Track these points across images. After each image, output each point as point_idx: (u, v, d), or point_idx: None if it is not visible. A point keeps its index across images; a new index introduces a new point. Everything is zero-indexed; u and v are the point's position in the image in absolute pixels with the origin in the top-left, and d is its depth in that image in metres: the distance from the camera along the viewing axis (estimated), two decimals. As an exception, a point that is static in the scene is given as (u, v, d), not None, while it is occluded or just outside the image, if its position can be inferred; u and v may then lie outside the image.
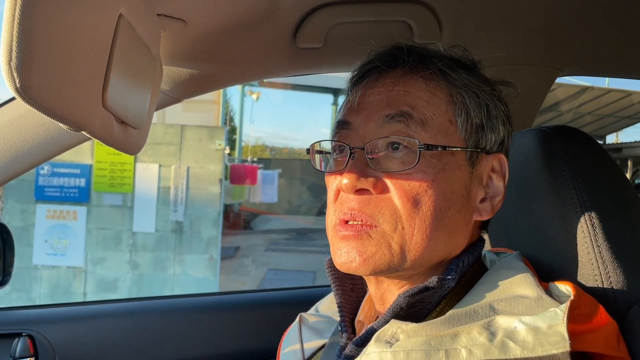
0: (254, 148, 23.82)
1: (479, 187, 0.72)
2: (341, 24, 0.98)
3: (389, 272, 0.69)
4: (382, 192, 0.67)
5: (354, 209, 0.68)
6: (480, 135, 0.71)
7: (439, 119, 0.69)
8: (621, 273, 0.69)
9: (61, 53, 0.49)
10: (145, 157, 6.41)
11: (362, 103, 0.72)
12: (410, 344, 0.59)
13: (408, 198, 0.66)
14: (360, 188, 0.67)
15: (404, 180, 0.67)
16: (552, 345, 0.55)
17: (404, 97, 0.69)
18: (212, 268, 6.53)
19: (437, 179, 0.67)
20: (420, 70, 0.71)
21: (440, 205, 0.67)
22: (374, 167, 0.68)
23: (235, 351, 1.41)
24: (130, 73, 0.68)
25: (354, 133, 0.71)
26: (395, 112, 0.68)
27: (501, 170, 0.73)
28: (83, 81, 0.54)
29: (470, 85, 0.72)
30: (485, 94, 0.73)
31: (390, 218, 0.67)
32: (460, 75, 0.72)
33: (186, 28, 0.87)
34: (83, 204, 6.37)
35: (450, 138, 0.69)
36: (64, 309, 1.39)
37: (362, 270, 0.68)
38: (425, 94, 0.70)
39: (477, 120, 0.71)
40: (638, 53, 1.15)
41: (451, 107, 0.70)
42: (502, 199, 0.73)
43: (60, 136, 0.97)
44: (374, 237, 0.67)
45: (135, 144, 0.79)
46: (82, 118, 0.56)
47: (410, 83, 0.70)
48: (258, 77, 1.22)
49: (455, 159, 0.69)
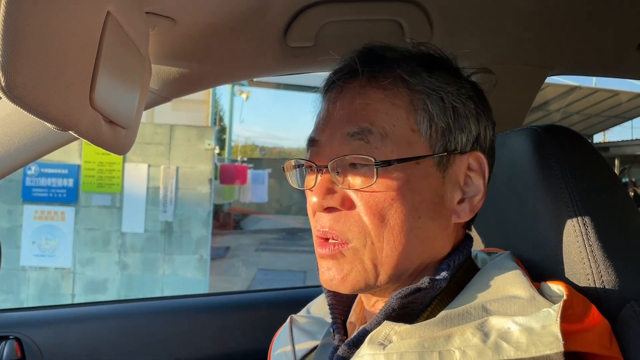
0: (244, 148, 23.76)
1: (454, 190, 0.71)
2: (332, 22, 0.98)
3: (368, 289, 0.70)
4: (350, 209, 0.68)
5: (324, 227, 0.69)
6: (448, 139, 0.69)
7: (400, 129, 0.67)
8: (613, 272, 0.69)
9: (48, 51, 0.48)
10: (134, 157, 6.37)
11: (326, 119, 0.72)
12: (404, 346, 0.59)
13: (374, 213, 0.66)
14: (328, 206, 0.68)
15: (369, 196, 0.67)
16: (546, 345, 0.55)
17: (364, 111, 0.68)
18: (202, 268, 6.51)
19: (402, 191, 0.66)
20: (379, 79, 0.69)
21: (408, 217, 0.67)
22: (341, 185, 0.68)
23: (225, 353, 1.40)
24: (119, 72, 0.67)
25: (321, 150, 0.71)
26: (354, 130, 0.67)
27: (480, 168, 0.72)
28: (70, 80, 0.53)
29: (433, 89, 0.69)
30: (451, 95, 0.70)
31: (359, 234, 0.67)
32: (422, 80, 0.69)
33: (175, 26, 0.86)
34: (71, 204, 6.32)
35: (414, 147, 0.68)
36: (52, 311, 1.37)
37: (342, 289, 0.69)
38: (385, 105, 0.68)
39: (443, 124, 0.69)
40: (626, 53, 1.16)
41: (412, 115, 0.68)
42: (482, 197, 0.72)
43: (48, 136, 0.95)
44: (347, 255, 0.68)
45: (124, 143, 0.77)
46: (70, 118, 0.55)
47: (369, 95, 0.69)
48: (248, 76, 1.21)
49: (421, 167, 0.68)
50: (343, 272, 0.68)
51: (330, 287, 0.70)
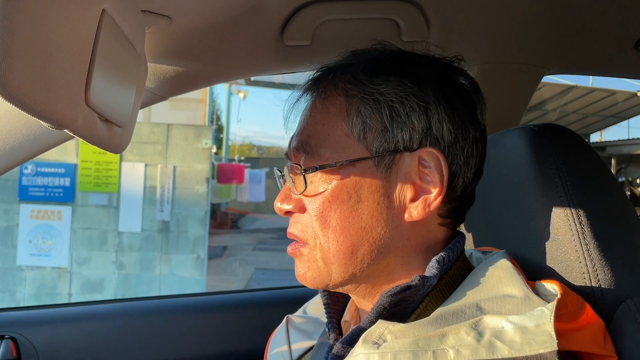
0: (241, 147, 23.74)
1: (404, 187, 0.69)
2: (329, 21, 0.98)
3: (326, 286, 0.73)
4: (303, 212, 0.73)
5: (289, 229, 0.76)
6: (385, 139, 0.69)
7: (334, 136, 0.71)
8: (609, 271, 0.69)
9: (42, 49, 0.48)
10: (131, 156, 6.36)
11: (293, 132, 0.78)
12: (398, 345, 0.59)
13: (317, 216, 0.71)
14: (286, 210, 0.75)
15: (312, 200, 0.71)
16: (540, 344, 0.55)
17: (306, 124, 0.74)
18: (199, 268, 6.50)
19: (337, 193, 0.70)
20: (321, 90, 0.74)
21: (348, 217, 0.69)
22: (292, 191, 0.74)
23: (222, 352, 1.40)
24: (114, 70, 0.67)
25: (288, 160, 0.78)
26: (297, 143, 0.74)
27: (435, 163, 0.69)
28: (65, 78, 0.53)
29: (368, 92, 0.69)
30: (388, 95, 0.69)
31: (312, 235, 0.72)
32: (357, 85, 0.70)
33: (171, 25, 0.86)
34: (68, 203, 6.31)
35: (348, 151, 0.69)
36: (47, 310, 1.37)
37: (309, 285, 0.74)
38: (322, 114, 0.72)
39: (378, 125, 0.69)
40: (623, 52, 1.16)
41: (346, 120, 0.70)
42: (439, 194, 0.69)
43: (43, 134, 0.95)
44: (304, 254, 0.73)
45: (120, 142, 0.77)
46: (64, 116, 0.55)
47: (313, 106, 0.74)
48: (245, 75, 1.21)
49: (357, 169, 0.69)
50: (303, 269, 0.74)
51: (301, 282, 0.75)
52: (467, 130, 0.71)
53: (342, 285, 0.73)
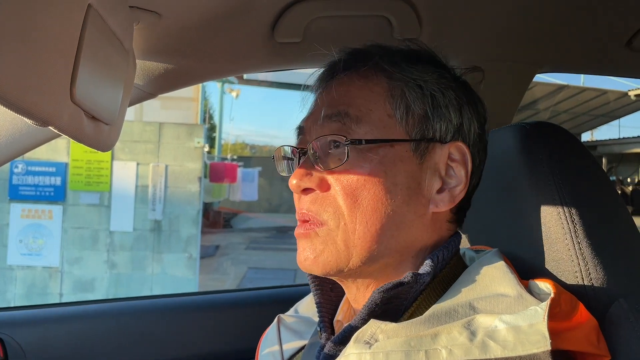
0: (234, 146, 23.69)
1: (433, 178, 0.71)
2: (320, 18, 0.97)
3: (339, 271, 0.70)
4: (326, 190, 0.70)
5: (302, 208, 0.71)
6: (425, 126, 0.71)
7: (376, 114, 0.70)
8: (601, 270, 0.69)
9: (25, 44, 0.46)
10: (123, 155, 6.32)
11: (312, 108, 0.76)
12: (390, 345, 0.58)
13: (347, 194, 0.68)
14: (306, 187, 0.70)
15: (343, 177, 0.68)
16: (533, 344, 0.55)
17: (343, 97, 0.71)
18: (192, 267, 6.48)
19: (375, 172, 0.68)
20: (360, 68, 0.73)
21: (381, 199, 0.68)
22: (317, 166, 0.70)
23: (213, 352, 1.39)
24: (101, 66, 0.66)
25: (305, 136, 0.74)
26: (332, 112, 0.70)
27: (462, 158, 0.72)
28: (49, 74, 0.52)
29: (412, 77, 0.72)
30: (430, 84, 0.72)
31: (334, 215, 0.69)
32: (401, 69, 0.72)
33: (160, 21, 0.85)
34: (59, 202, 6.26)
35: (389, 131, 0.69)
36: (36, 311, 1.35)
37: (315, 269, 0.70)
38: (363, 91, 0.71)
39: (420, 111, 0.71)
40: (615, 50, 1.16)
41: (390, 101, 0.70)
42: (464, 188, 0.72)
43: (29, 132, 0.93)
44: (320, 235, 0.70)
45: (107, 140, 0.76)
46: (49, 113, 0.53)
47: (350, 82, 0.72)
48: (235, 72, 1.20)
49: (396, 151, 0.69)
50: (316, 251, 0.70)
51: (305, 267, 0.71)
52: (483, 135, 0.76)
53: (357, 271, 0.70)
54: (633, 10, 1.02)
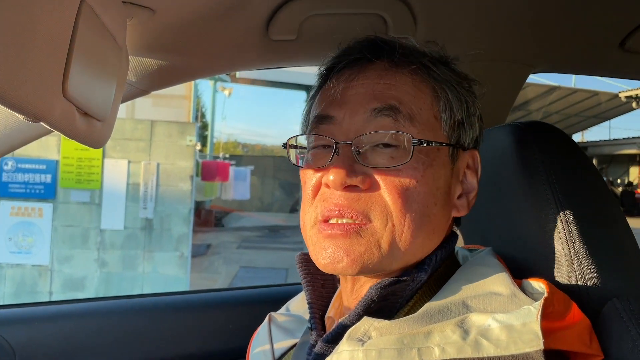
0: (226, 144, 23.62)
1: (457, 184, 0.72)
2: (315, 15, 0.96)
3: (375, 272, 0.67)
4: (370, 189, 0.65)
5: (342, 206, 0.65)
6: (460, 132, 0.71)
7: (425, 114, 0.68)
8: (595, 269, 0.69)
9: (17, 38, 0.46)
10: (114, 153, 6.28)
11: (344, 96, 0.69)
12: (383, 342, 0.58)
13: (399, 194, 0.65)
14: (351, 184, 0.65)
15: (394, 177, 0.65)
16: (526, 343, 0.55)
17: (390, 91, 0.67)
18: (183, 266, 6.45)
19: (426, 175, 0.66)
20: (404, 64, 0.69)
21: (428, 202, 0.67)
22: (362, 163, 0.66)
23: (204, 351, 1.38)
24: (94, 62, 0.65)
25: (337, 127, 0.68)
26: (383, 106, 0.66)
27: (474, 166, 0.74)
28: (41, 69, 0.51)
29: (452, 81, 0.71)
30: (464, 90, 0.73)
31: (381, 215, 0.65)
32: (442, 71, 0.71)
33: (154, 17, 0.84)
34: (49, 200, 6.21)
35: (436, 134, 0.68)
36: (25, 309, 1.33)
37: (350, 271, 0.66)
38: (412, 88, 0.68)
39: (459, 116, 0.71)
40: (608, 51, 1.16)
41: (436, 102, 0.69)
42: (475, 194, 0.74)
43: (20, 128, 0.92)
44: (363, 236, 0.65)
45: (99, 136, 0.75)
46: (41, 108, 0.53)
47: (395, 77, 0.69)
48: (229, 70, 1.19)
49: (440, 155, 0.69)
50: (355, 253, 0.65)
51: (335, 269, 0.66)
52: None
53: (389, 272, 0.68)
54: (626, 11, 1.02)
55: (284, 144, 0.75)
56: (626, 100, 15.24)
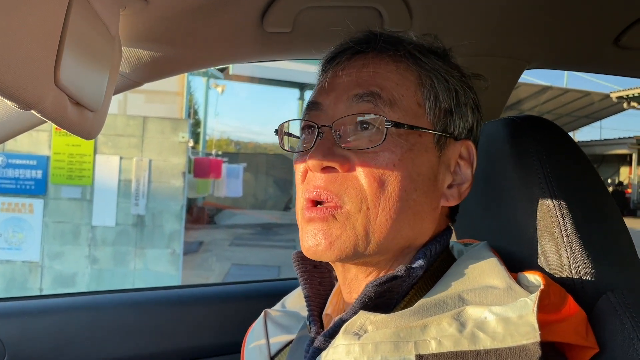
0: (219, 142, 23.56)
1: (446, 173, 0.72)
2: (310, 8, 0.96)
3: (355, 258, 0.67)
4: (348, 171, 0.67)
5: (319, 187, 0.67)
6: (448, 120, 0.71)
7: (407, 100, 0.69)
8: (590, 263, 0.69)
9: (7, 24, 0.45)
10: (106, 149, 6.24)
11: (332, 84, 0.72)
12: (379, 336, 0.58)
13: (374, 177, 0.66)
14: (327, 166, 0.66)
15: (371, 159, 0.66)
16: (522, 335, 0.55)
17: (373, 78, 0.69)
18: (175, 263, 6.43)
19: (404, 159, 0.67)
20: (390, 52, 0.71)
21: (406, 187, 0.67)
22: (342, 145, 0.67)
23: (198, 346, 1.38)
24: (86, 51, 0.64)
25: (323, 113, 0.71)
26: (363, 92, 0.68)
27: (469, 157, 0.74)
28: (33, 55, 0.50)
29: (440, 70, 0.72)
30: (455, 80, 0.73)
31: (356, 197, 0.66)
32: (430, 60, 0.72)
33: (147, 8, 0.83)
34: (39, 196, 6.16)
35: (418, 120, 0.69)
36: (15, 303, 1.32)
37: (328, 255, 0.67)
38: (395, 75, 0.70)
39: (446, 104, 0.71)
40: (603, 47, 1.17)
41: (420, 89, 0.70)
42: (469, 186, 0.73)
43: (10, 119, 0.91)
44: (338, 219, 0.66)
45: (91, 127, 0.74)
46: (32, 95, 0.52)
47: (380, 64, 0.70)
48: (224, 62, 1.18)
49: (423, 140, 0.69)
50: (331, 236, 0.66)
51: (315, 253, 0.68)
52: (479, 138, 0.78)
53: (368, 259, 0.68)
54: (621, 7, 1.03)
55: (275, 130, 0.77)
56: (617, 101, 15.35)
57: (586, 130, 30.52)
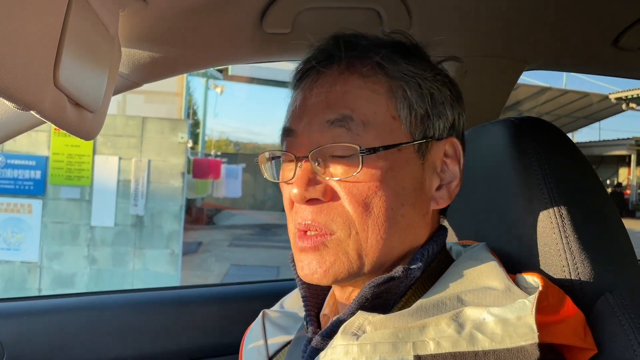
0: (218, 142, 23.57)
1: (433, 176, 0.71)
2: (310, 9, 0.96)
3: (350, 279, 0.68)
4: (332, 199, 0.66)
5: (306, 219, 0.67)
6: (427, 125, 0.69)
7: (381, 116, 0.67)
8: (589, 264, 0.69)
9: (6, 23, 0.45)
10: (105, 149, 6.24)
11: (303, 107, 0.70)
12: (377, 336, 0.58)
13: (358, 202, 0.65)
14: (311, 197, 0.66)
15: (352, 185, 0.65)
16: (521, 337, 0.55)
17: (343, 99, 0.67)
18: (174, 263, 6.42)
19: (386, 179, 0.66)
20: (357, 66, 0.69)
21: (392, 205, 0.66)
22: (322, 175, 0.67)
23: (197, 346, 1.38)
24: (86, 51, 0.64)
25: (299, 141, 0.69)
26: (335, 117, 0.66)
27: (455, 154, 0.72)
28: (32, 55, 0.50)
29: (411, 75, 0.69)
30: (428, 81, 0.70)
31: (344, 225, 0.66)
32: (399, 66, 0.69)
33: (146, 8, 0.83)
34: (38, 196, 6.16)
35: (395, 134, 0.67)
36: (14, 304, 1.32)
37: (325, 281, 0.68)
38: (364, 92, 0.67)
39: (422, 110, 0.69)
40: (602, 49, 1.17)
41: (392, 101, 0.68)
42: (458, 183, 0.72)
43: (9, 120, 0.91)
44: (330, 247, 0.66)
45: (91, 128, 0.74)
46: (31, 95, 0.52)
47: (348, 81, 0.68)
48: (223, 63, 1.18)
49: (403, 154, 0.67)
50: (326, 264, 0.67)
51: (311, 280, 0.68)
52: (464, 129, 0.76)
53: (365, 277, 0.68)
54: (619, 8, 1.03)
55: (256, 160, 0.76)
56: (616, 102, 15.36)
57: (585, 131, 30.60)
